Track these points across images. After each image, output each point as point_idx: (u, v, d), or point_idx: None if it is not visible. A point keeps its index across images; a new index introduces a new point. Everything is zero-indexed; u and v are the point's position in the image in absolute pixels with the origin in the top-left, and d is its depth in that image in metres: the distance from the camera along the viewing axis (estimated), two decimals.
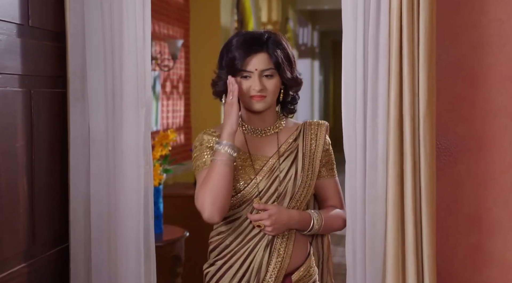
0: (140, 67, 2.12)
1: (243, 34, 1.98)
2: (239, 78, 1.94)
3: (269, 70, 1.95)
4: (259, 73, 1.94)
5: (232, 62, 1.94)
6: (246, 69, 1.93)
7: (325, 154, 2.05)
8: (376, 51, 1.91)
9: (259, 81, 1.93)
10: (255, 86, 1.93)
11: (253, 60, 1.93)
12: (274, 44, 1.97)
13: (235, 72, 1.95)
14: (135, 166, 2.12)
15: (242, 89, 1.95)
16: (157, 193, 3.71)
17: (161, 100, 5.05)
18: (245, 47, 1.93)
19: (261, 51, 1.95)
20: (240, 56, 1.93)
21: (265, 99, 1.95)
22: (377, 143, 1.93)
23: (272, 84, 1.95)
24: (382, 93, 1.91)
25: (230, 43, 1.97)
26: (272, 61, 1.95)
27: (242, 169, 1.98)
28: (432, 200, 1.92)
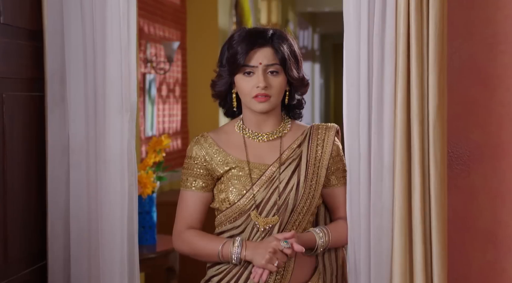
0: (124, 69, 2.01)
1: (245, 29, 1.89)
2: (241, 75, 1.85)
3: (274, 66, 1.85)
4: (264, 69, 1.84)
5: (234, 57, 1.84)
6: (249, 64, 1.84)
7: (334, 160, 1.93)
8: (381, 50, 1.83)
9: (263, 77, 1.83)
10: (259, 82, 1.83)
11: (257, 54, 1.84)
12: (279, 38, 1.87)
13: (237, 68, 1.84)
14: (119, 176, 2.01)
15: (244, 88, 1.85)
16: (150, 202, 3.63)
17: (156, 104, 5.01)
18: (248, 41, 1.84)
19: (266, 45, 1.85)
20: (242, 50, 1.83)
21: (269, 100, 1.85)
22: (382, 151, 1.84)
23: (278, 82, 1.85)
24: (388, 96, 1.83)
25: (231, 38, 1.88)
26: (278, 56, 1.85)
27: (237, 179, 1.88)
28: (443, 213, 1.84)
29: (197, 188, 1.90)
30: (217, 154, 1.90)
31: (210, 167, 1.90)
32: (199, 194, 1.90)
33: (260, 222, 1.85)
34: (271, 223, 1.86)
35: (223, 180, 1.90)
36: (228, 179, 1.88)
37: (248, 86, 1.85)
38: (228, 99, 1.94)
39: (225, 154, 1.89)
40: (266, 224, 1.85)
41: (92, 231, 2.04)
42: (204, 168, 1.91)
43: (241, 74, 1.86)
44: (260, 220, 1.85)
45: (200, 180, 1.91)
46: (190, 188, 1.90)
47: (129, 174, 2.04)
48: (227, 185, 1.88)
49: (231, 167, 1.88)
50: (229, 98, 1.93)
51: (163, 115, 5.19)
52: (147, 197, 3.59)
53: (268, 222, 1.85)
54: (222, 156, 1.89)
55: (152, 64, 4.88)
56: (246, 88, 1.85)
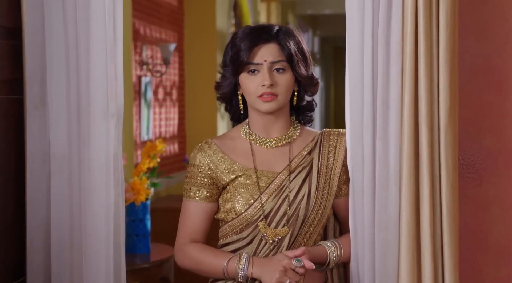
0: (110, 70, 1.91)
1: (249, 26, 1.84)
2: (245, 74, 1.79)
3: (280, 63, 1.80)
4: (269, 66, 1.79)
5: (237, 55, 1.78)
6: (253, 61, 1.78)
7: (346, 169, 1.86)
8: (387, 50, 1.74)
9: (268, 74, 1.77)
10: (264, 80, 1.77)
11: (261, 50, 1.79)
12: (286, 34, 1.82)
13: (240, 66, 1.78)
14: (104, 186, 1.92)
15: (248, 87, 1.79)
16: (144, 209, 3.58)
17: (153, 108, 5.00)
18: (252, 37, 1.78)
19: (271, 41, 1.81)
20: (245, 47, 1.78)
21: (276, 99, 1.79)
22: (388, 158, 1.76)
23: (284, 80, 1.80)
24: (394, 100, 1.74)
25: (235, 36, 1.82)
26: (284, 53, 1.80)
27: (244, 187, 1.81)
28: (455, 226, 1.75)
29: (201, 198, 1.85)
30: (222, 161, 1.84)
31: (214, 175, 1.84)
32: (203, 204, 1.85)
33: (268, 234, 1.79)
34: (281, 234, 1.80)
35: (229, 189, 1.84)
36: (234, 187, 1.82)
37: (253, 85, 1.79)
38: (234, 102, 1.88)
39: (231, 161, 1.83)
40: (275, 236, 1.79)
41: (74, 245, 1.94)
42: (208, 176, 1.85)
43: (246, 73, 1.80)
44: (269, 232, 1.79)
45: (204, 190, 1.85)
46: (193, 198, 1.85)
47: (115, 183, 1.95)
48: (233, 194, 1.82)
49: (237, 175, 1.82)
50: (235, 101, 1.87)
51: (159, 119, 5.18)
52: (141, 204, 3.54)
53: (277, 233, 1.79)
54: (228, 164, 1.83)
55: (148, 67, 4.86)
56: (251, 87, 1.79)
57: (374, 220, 1.78)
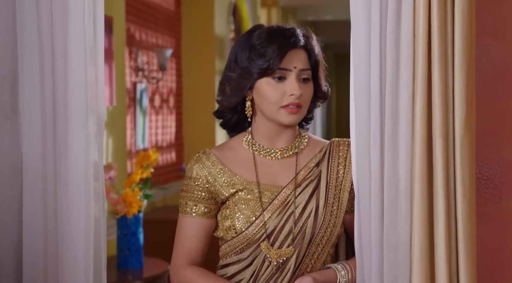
0: (90, 74, 1.78)
1: (267, 27, 1.71)
2: (269, 79, 1.68)
3: (307, 72, 1.72)
4: (297, 74, 1.69)
5: (264, 59, 1.65)
6: (284, 67, 1.67)
7: None
8: (396, 52, 1.62)
9: (298, 84, 1.66)
10: (294, 89, 1.66)
11: (292, 56, 1.68)
12: (311, 39, 1.72)
13: (269, 70, 1.66)
14: (83, 203, 1.77)
15: (271, 95, 1.67)
16: (136, 222, 3.48)
17: (149, 115, 4.98)
18: (281, 41, 1.66)
19: (300, 47, 1.71)
20: (274, 51, 1.65)
21: (300, 111, 1.69)
22: (397, 173, 1.64)
23: (309, 91, 1.72)
24: (404, 108, 1.62)
25: (252, 37, 1.69)
26: (311, 61, 1.73)
27: (245, 203, 1.70)
28: (473, 248, 1.62)
29: (198, 214, 1.74)
30: (221, 173, 1.73)
31: (213, 189, 1.73)
32: (200, 221, 1.74)
33: (272, 255, 1.68)
34: (286, 255, 1.69)
35: (229, 205, 1.72)
36: (235, 203, 1.71)
37: (278, 93, 1.67)
38: (239, 107, 1.75)
39: (231, 174, 1.72)
40: (280, 257, 1.68)
41: (49, 269, 1.80)
42: (206, 190, 1.74)
43: (270, 78, 1.68)
44: (272, 252, 1.68)
45: (202, 205, 1.74)
46: (190, 214, 1.74)
47: (95, 199, 1.81)
48: (233, 211, 1.71)
49: (238, 189, 1.71)
50: (240, 107, 1.75)
51: (155, 127, 5.16)
52: (133, 217, 3.45)
53: (281, 254, 1.68)
54: (228, 176, 1.72)
55: (144, 73, 4.82)
56: (275, 95, 1.67)
57: (382, 241, 1.65)
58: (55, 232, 1.79)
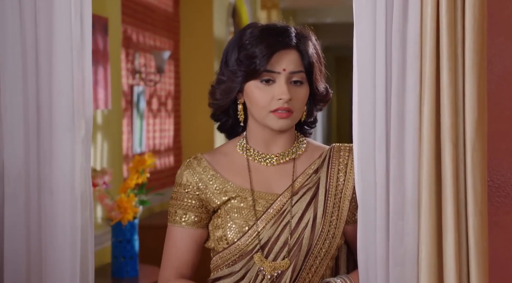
0: (77, 75, 1.67)
1: (260, 26, 1.61)
2: (257, 83, 1.59)
3: (299, 74, 1.61)
4: (287, 77, 1.59)
5: (251, 60, 1.56)
6: (272, 69, 1.57)
7: None
8: (402, 51, 1.53)
9: (287, 87, 1.57)
10: (282, 93, 1.56)
11: (281, 57, 1.58)
12: (305, 39, 1.61)
13: (255, 73, 1.57)
14: (69, 212, 1.67)
15: (260, 99, 1.58)
16: (132, 229, 3.42)
17: (146, 119, 4.92)
18: (270, 40, 1.57)
19: (290, 47, 1.60)
20: (262, 52, 1.56)
21: (292, 116, 1.59)
22: (404, 181, 1.55)
23: (302, 95, 1.61)
24: (411, 111, 1.53)
25: (242, 37, 1.60)
26: (304, 62, 1.61)
27: (238, 212, 1.61)
28: (484, 260, 1.53)
29: (188, 224, 1.65)
30: (213, 180, 1.64)
31: (204, 196, 1.64)
32: (190, 230, 1.65)
33: (266, 267, 1.59)
34: (280, 268, 1.60)
35: (220, 213, 1.63)
36: (227, 212, 1.62)
37: (266, 97, 1.58)
38: (231, 111, 1.67)
39: (223, 180, 1.63)
40: (274, 270, 1.60)
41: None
42: (196, 198, 1.65)
43: (258, 81, 1.59)
44: (266, 265, 1.59)
45: (192, 213, 1.65)
46: (179, 223, 1.65)
47: (82, 208, 1.70)
48: (225, 220, 1.62)
49: (230, 196, 1.62)
50: (232, 110, 1.66)
51: (153, 130, 5.10)
52: (128, 223, 3.38)
53: (276, 267, 1.60)
54: (220, 183, 1.63)
55: (141, 76, 4.76)
56: (264, 99, 1.58)
57: (388, 254, 1.55)
58: (39, 244, 1.68)
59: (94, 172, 3.26)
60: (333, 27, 11.11)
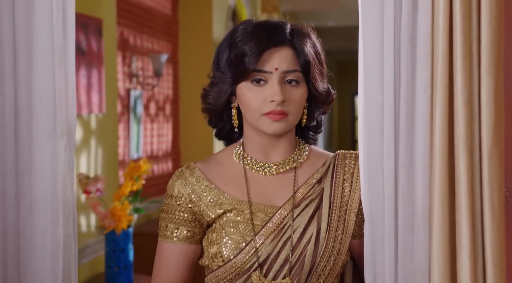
0: (59, 77, 1.55)
1: (254, 22, 1.49)
2: (248, 84, 1.48)
3: (295, 74, 1.47)
4: (280, 76, 1.46)
5: (240, 59, 1.44)
6: (262, 68, 1.45)
7: None
8: (412, 50, 1.42)
9: (279, 88, 1.44)
10: (274, 95, 1.44)
11: (273, 56, 1.46)
12: (302, 36, 1.48)
13: (244, 74, 1.45)
14: (49, 225, 1.54)
15: (251, 101, 1.47)
16: (126, 238, 3.29)
17: (143, 123, 4.83)
18: (261, 38, 1.44)
19: (284, 44, 1.47)
20: (252, 50, 1.44)
21: (286, 119, 1.47)
22: (414, 193, 1.44)
23: (298, 96, 1.48)
24: (421, 116, 1.42)
25: (234, 34, 1.48)
26: (300, 61, 1.48)
27: (234, 226, 1.50)
28: (502, 278, 1.42)
29: (180, 239, 1.53)
30: (207, 191, 1.52)
31: (197, 209, 1.53)
32: (182, 246, 1.53)
33: None
34: None
35: (215, 228, 1.52)
36: (222, 226, 1.51)
37: (258, 99, 1.46)
38: (225, 116, 1.55)
39: (218, 192, 1.52)
40: None
41: None
42: (189, 211, 1.53)
43: (248, 82, 1.47)
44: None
45: (184, 228, 1.54)
46: (170, 239, 1.54)
47: (65, 221, 1.57)
48: (220, 235, 1.51)
49: (226, 209, 1.51)
50: (226, 115, 1.55)
51: (151, 135, 5.01)
52: (122, 232, 3.26)
53: None
54: (214, 195, 1.51)
55: (138, 79, 4.67)
56: (255, 101, 1.46)
57: (397, 271, 1.43)
58: (17, 260, 1.55)
59: (86, 178, 3.16)
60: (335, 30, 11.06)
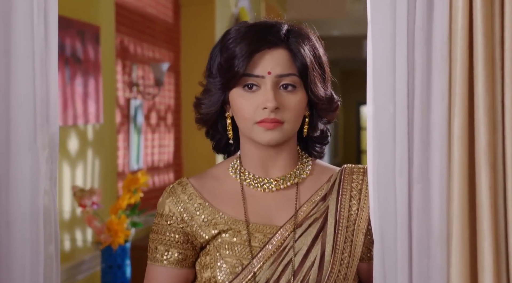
0: (39, 84, 1.44)
1: (247, 23, 1.39)
2: (239, 90, 1.37)
3: (291, 77, 1.37)
4: (274, 81, 1.36)
5: (229, 63, 1.34)
6: (253, 72, 1.35)
7: None
8: (427, 54, 1.31)
9: (273, 93, 1.34)
10: (267, 101, 1.33)
11: (264, 58, 1.35)
12: (299, 36, 1.37)
13: (233, 78, 1.34)
14: (29, 246, 1.43)
15: (243, 108, 1.37)
16: (123, 253, 3.21)
17: (144, 134, 4.75)
18: (252, 39, 1.34)
19: (278, 45, 1.36)
20: (242, 52, 1.34)
21: (281, 128, 1.36)
22: (430, 212, 1.32)
23: (295, 102, 1.37)
24: (438, 127, 1.31)
25: (226, 36, 1.37)
26: (296, 63, 1.37)
27: (230, 248, 1.39)
28: None
29: (171, 262, 1.42)
30: (200, 210, 1.42)
31: (190, 230, 1.41)
32: (173, 270, 1.43)
33: None
34: None
35: (209, 250, 1.41)
36: (216, 248, 1.39)
37: (250, 106, 1.36)
38: (220, 127, 1.44)
39: (213, 210, 1.41)
40: None
41: None
42: (181, 231, 1.42)
43: (240, 88, 1.36)
44: None
45: (176, 250, 1.42)
46: (160, 262, 1.43)
47: (46, 241, 1.45)
48: (215, 258, 1.40)
49: (221, 229, 1.40)
50: (221, 126, 1.44)
51: (152, 146, 4.94)
52: (118, 247, 3.17)
53: None
54: (208, 214, 1.41)
55: (139, 88, 4.59)
56: (247, 109, 1.36)
57: None
58: None
59: (81, 191, 3.05)
60: (339, 40, 11.09)
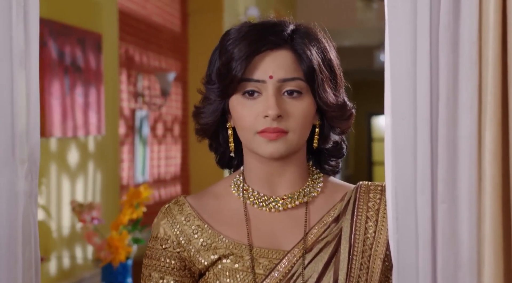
0: (18, 89, 1.33)
1: (250, 23, 1.28)
2: (239, 97, 1.26)
3: (296, 82, 1.25)
4: (277, 86, 1.24)
5: (227, 67, 1.23)
6: (253, 77, 1.24)
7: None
8: (454, 56, 1.18)
9: (275, 100, 1.23)
10: (268, 109, 1.23)
11: (266, 60, 1.24)
12: (306, 37, 1.25)
13: (231, 84, 1.24)
14: (5, 271, 1.31)
15: (243, 117, 1.26)
16: (124, 271, 3.11)
17: (150, 145, 4.67)
18: (252, 39, 1.23)
19: (281, 46, 1.25)
20: (241, 55, 1.22)
21: (285, 138, 1.25)
22: (458, 234, 1.19)
23: (300, 110, 1.26)
24: (466, 138, 1.19)
25: (226, 37, 1.26)
26: (302, 67, 1.25)
27: (231, 276, 1.28)
28: None
29: None
30: (199, 232, 1.31)
31: (187, 255, 1.30)
32: None
33: None
34: None
35: (208, 278, 1.30)
36: (216, 275, 1.29)
37: (250, 114, 1.25)
38: (221, 138, 1.33)
39: (213, 233, 1.30)
40: None
41: None
42: (177, 256, 1.31)
43: (239, 95, 1.26)
44: None
45: (171, 278, 1.32)
46: None
47: (25, 267, 1.32)
48: None
49: (221, 254, 1.29)
50: (222, 137, 1.32)
51: (158, 158, 4.87)
52: (120, 265, 3.07)
53: None
54: (207, 237, 1.30)
55: (144, 99, 4.52)
56: (247, 117, 1.25)
57: None
58: None
59: (80, 206, 2.93)
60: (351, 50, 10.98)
